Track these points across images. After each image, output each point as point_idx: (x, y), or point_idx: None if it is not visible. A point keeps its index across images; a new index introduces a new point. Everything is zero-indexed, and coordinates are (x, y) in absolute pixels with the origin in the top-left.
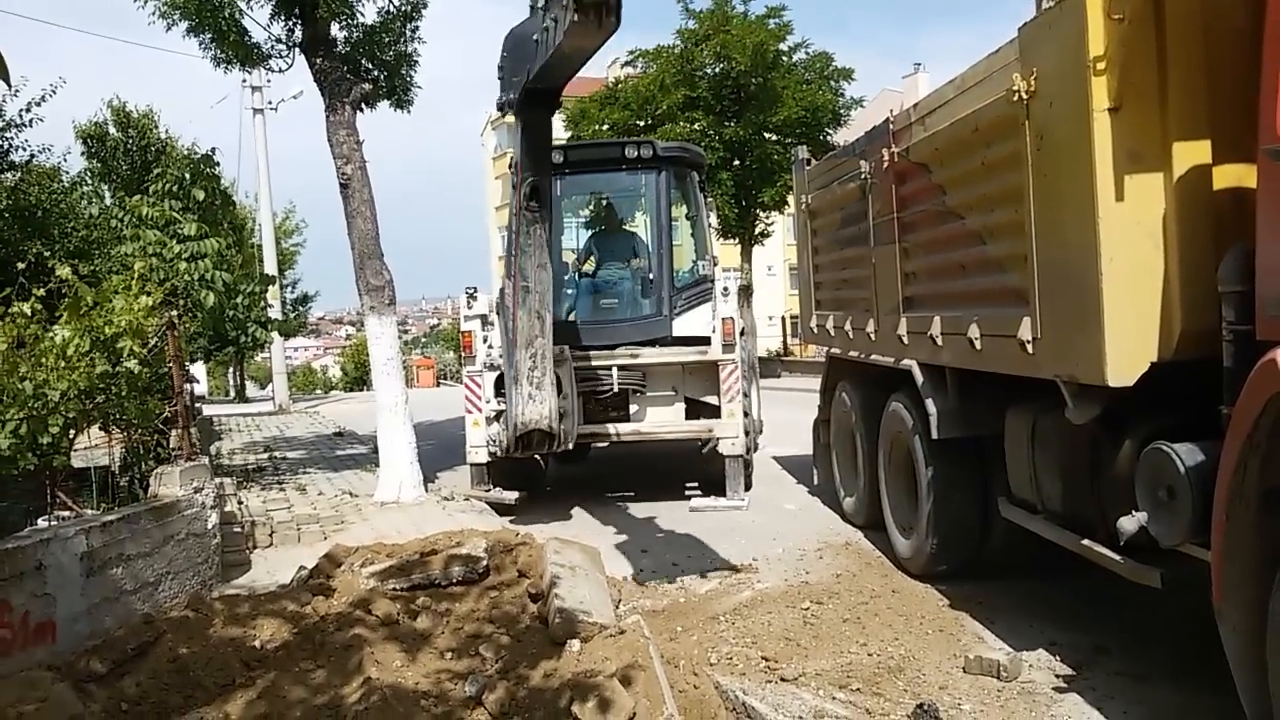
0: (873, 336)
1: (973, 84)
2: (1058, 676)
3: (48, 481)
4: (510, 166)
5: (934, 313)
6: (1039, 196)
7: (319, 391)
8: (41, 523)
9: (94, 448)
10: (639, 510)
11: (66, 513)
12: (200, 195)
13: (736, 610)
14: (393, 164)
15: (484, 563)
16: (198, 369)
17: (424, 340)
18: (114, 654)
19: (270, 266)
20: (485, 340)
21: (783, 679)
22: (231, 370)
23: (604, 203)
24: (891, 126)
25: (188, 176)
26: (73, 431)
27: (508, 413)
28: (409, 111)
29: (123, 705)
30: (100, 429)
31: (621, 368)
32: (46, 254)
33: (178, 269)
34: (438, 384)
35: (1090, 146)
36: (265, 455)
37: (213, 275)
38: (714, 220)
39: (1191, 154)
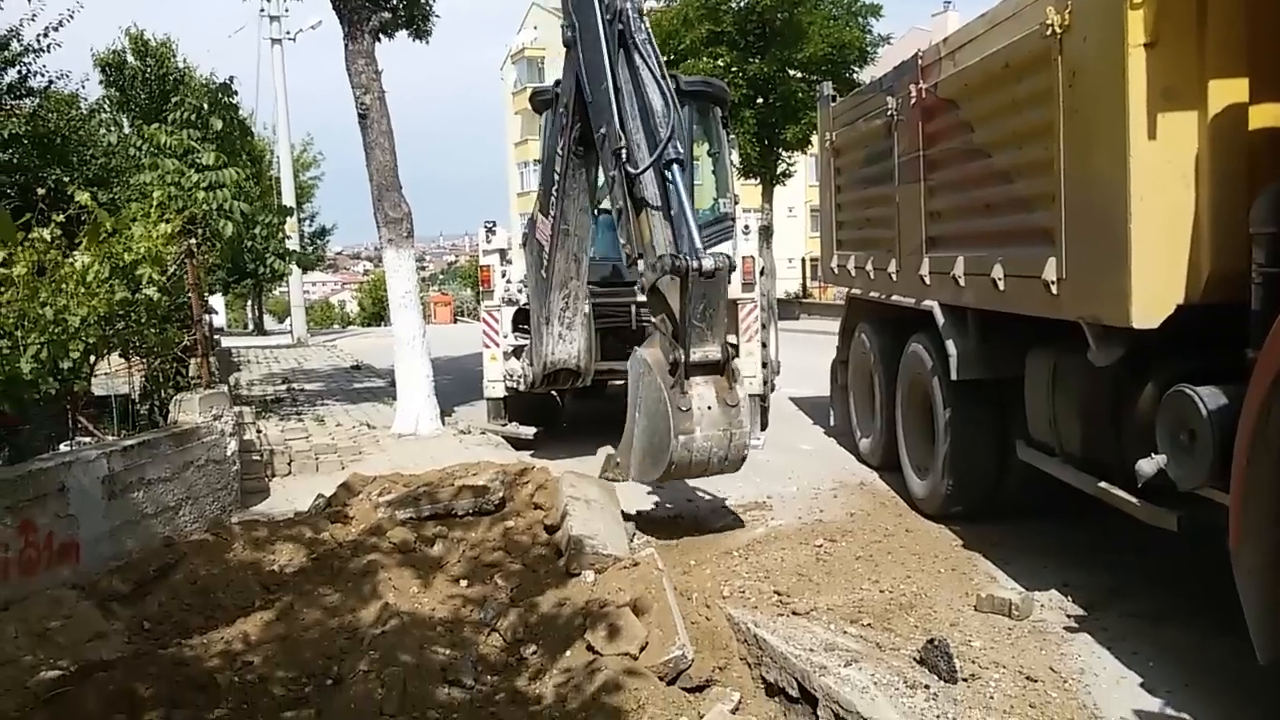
0: (894, 277)
1: (1005, 18)
2: (1069, 616)
3: (69, 407)
4: (551, 105)
5: (957, 253)
6: (1069, 134)
7: (337, 326)
8: (64, 448)
9: (114, 376)
10: None
11: (88, 438)
12: (218, 125)
13: (750, 546)
14: (411, 100)
15: (499, 494)
16: (216, 301)
17: (441, 278)
18: (136, 574)
19: (288, 198)
20: (504, 275)
21: (794, 613)
22: (250, 303)
23: None
24: (920, 61)
25: (206, 106)
26: (93, 357)
27: (536, 350)
28: (427, 41)
29: (144, 624)
30: (120, 356)
31: (640, 304)
32: (66, 180)
33: (196, 198)
34: (455, 320)
35: (1124, 83)
36: (284, 387)
37: (231, 205)
38: (736, 158)
39: (1228, 92)
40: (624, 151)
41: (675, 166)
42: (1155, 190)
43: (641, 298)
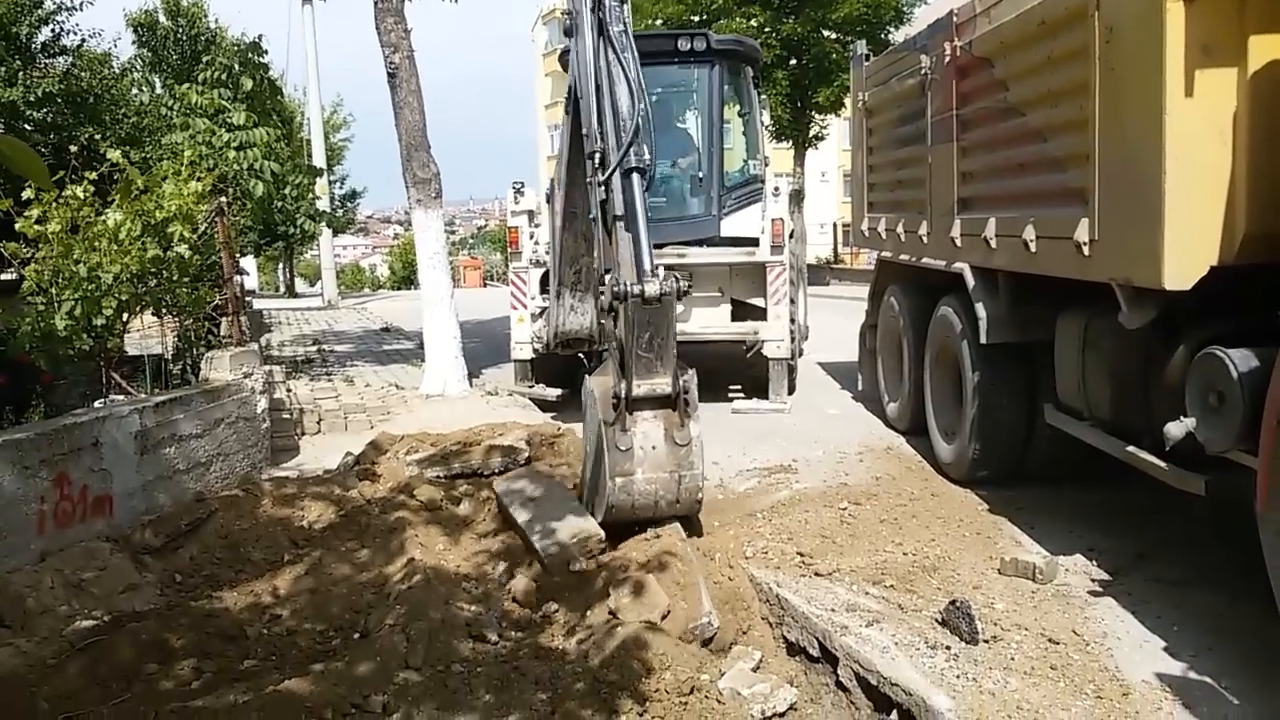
0: (925, 239)
1: None
2: (1094, 581)
3: (102, 364)
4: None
5: (989, 214)
6: (1105, 92)
7: (367, 290)
8: (98, 404)
9: (148, 336)
10: None
11: (122, 396)
12: (248, 84)
13: (774, 508)
14: (440, 62)
15: (525, 454)
16: (248, 264)
17: (471, 241)
18: (168, 528)
19: (319, 160)
20: (531, 236)
21: (817, 574)
22: (281, 266)
23: (654, 97)
24: (955, 19)
25: (236, 65)
26: (125, 314)
27: (550, 317)
28: (456, 0)
29: (176, 576)
30: (153, 315)
31: (668, 267)
32: (98, 139)
33: (226, 157)
34: (484, 284)
35: (1161, 39)
36: (314, 348)
37: (261, 165)
38: (767, 119)
39: (1268, 48)
40: (598, 156)
41: (635, 176)
42: (1191, 149)
43: (669, 260)
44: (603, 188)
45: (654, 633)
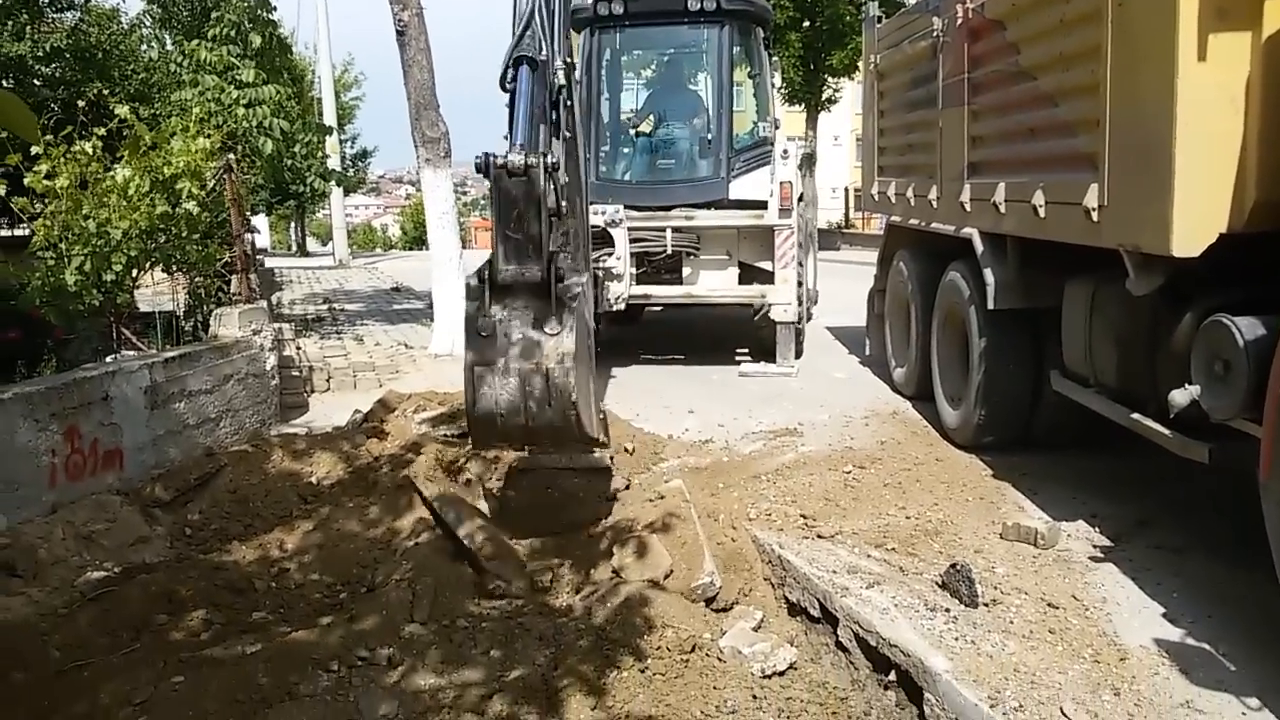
0: (934, 204)
1: None
2: (1095, 547)
3: (112, 320)
4: (588, 23)
5: (999, 179)
6: (1117, 56)
7: (378, 250)
8: (108, 360)
9: (160, 293)
10: (688, 372)
11: (132, 352)
12: (257, 41)
13: (778, 471)
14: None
15: None
16: (260, 222)
17: (483, 203)
18: (178, 483)
19: (330, 119)
20: None
21: (819, 536)
22: (293, 225)
23: (663, 58)
24: None
25: (246, 22)
26: (135, 270)
27: None
28: None
29: (186, 530)
30: (164, 271)
31: (676, 229)
32: (107, 94)
33: (235, 115)
34: None
35: (1175, 1)
36: (324, 306)
37: (270, 122)
38: (779, 81)
39: None
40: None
41: (524, 66)
42: (1203, 114)
43: (677, 222)
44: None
45: (657, 591)
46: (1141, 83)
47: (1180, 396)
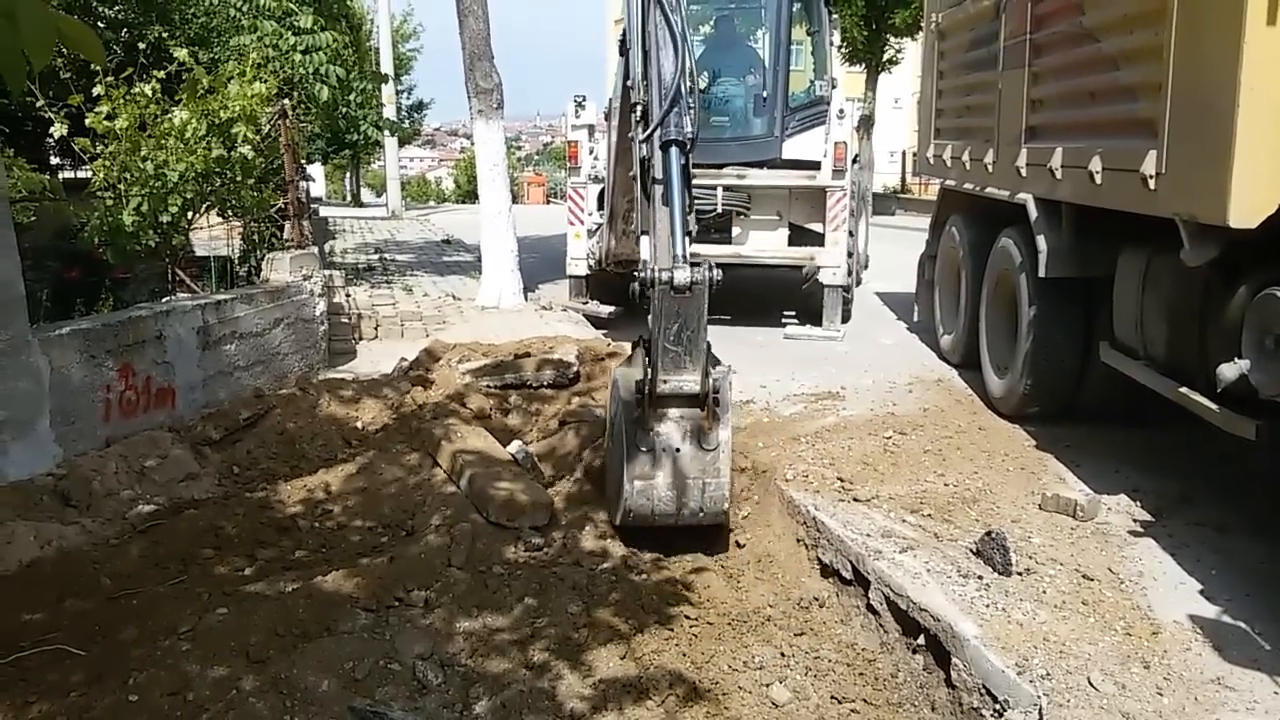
0: (990, 168)
1: None
2: (1135, 521)
3: (168, 261)
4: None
5: (1056, 144)
6: (1183, 17)
7: (432, 202)
8: (163, 300)
9: (215, 238)
10: (733, 333)
11: (187, 294)
12: None
13: (818, 434)
14: None
15: (575, 369)
16: (315, 171)
17: (536, 158)
18: (227, 422)
19: (386, 69)
20: (591, 152)
21: (855, 499)
22: (348, 175)
23: (721, 13)
24: None
25: None
26: (191, 212)
27: (603, 237)
28: None
29: (234, 469)
30: (219, 215)
31: (727, 188)
32: (167, 38)
33: (292, 61)
34: (547, 201)
35: None
36: (375, 256)
37: (327, 69)
38: (838, 39)
39: None
40: (640, 109)
41: (674, 149)
42: (1268, 80)
43: (728, 181)
44: (643, 146)
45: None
46: (1206, 46)
47: (1229, 370)
